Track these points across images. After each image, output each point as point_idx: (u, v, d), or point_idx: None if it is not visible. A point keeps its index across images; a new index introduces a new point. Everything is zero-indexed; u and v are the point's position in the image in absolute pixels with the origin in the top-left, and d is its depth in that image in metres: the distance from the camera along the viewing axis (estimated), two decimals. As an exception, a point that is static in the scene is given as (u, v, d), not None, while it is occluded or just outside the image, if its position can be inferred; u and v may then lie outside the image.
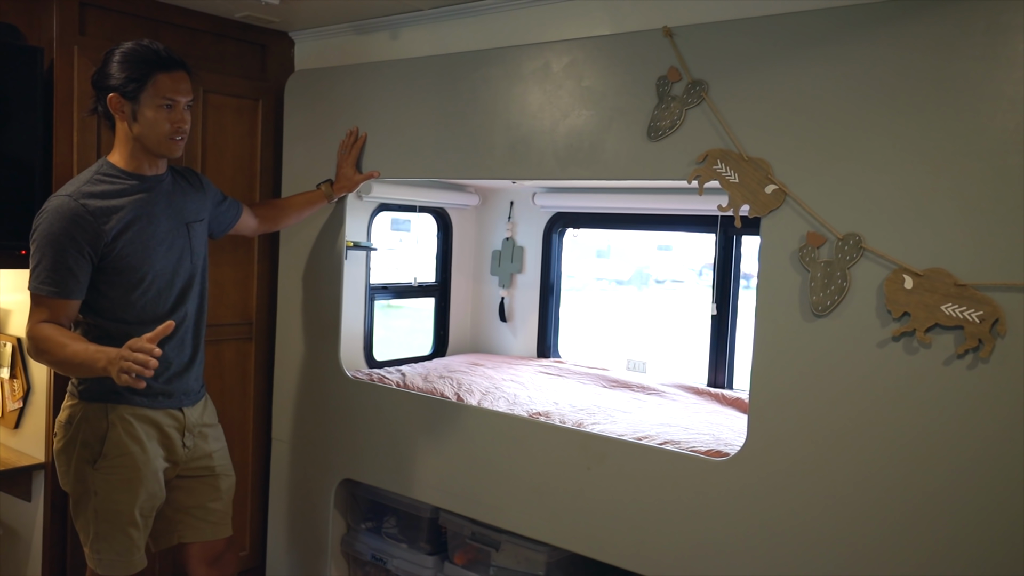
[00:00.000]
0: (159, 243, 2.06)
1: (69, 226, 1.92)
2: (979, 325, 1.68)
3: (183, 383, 2.17)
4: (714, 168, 2.02)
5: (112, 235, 1.96)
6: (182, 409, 2.17)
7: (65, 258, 1.92)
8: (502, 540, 2.61)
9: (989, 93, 1.69)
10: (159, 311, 2.08)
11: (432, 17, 2.66)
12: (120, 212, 1.98)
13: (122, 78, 1.96)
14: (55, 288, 1.93)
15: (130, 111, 1.97)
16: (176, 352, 2.15)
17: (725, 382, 2.98)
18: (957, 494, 1.73)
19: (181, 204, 2.15)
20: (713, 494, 2.05)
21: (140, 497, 2.09)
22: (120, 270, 1.99)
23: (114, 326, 2.04)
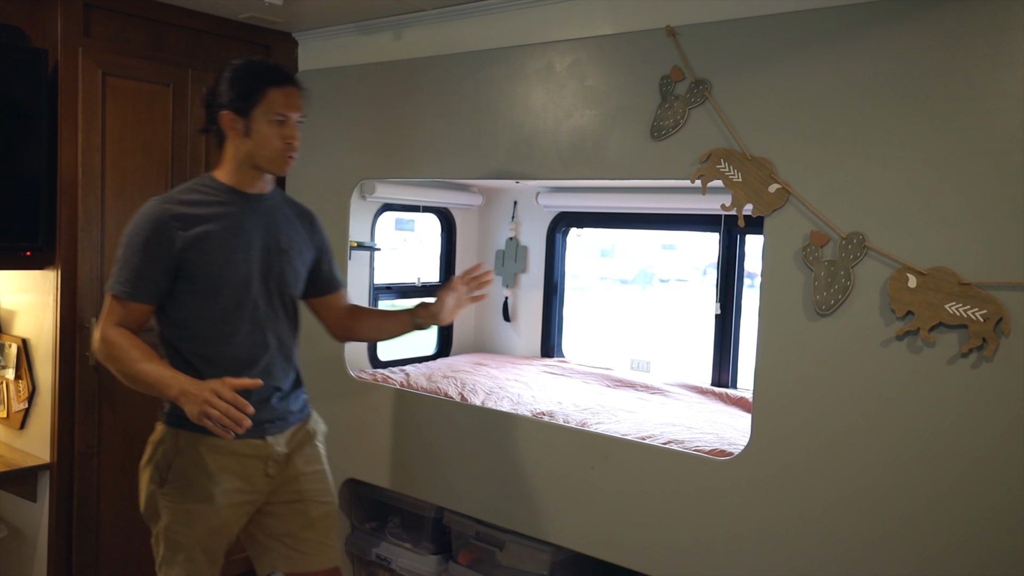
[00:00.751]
0: (243, 259, 1.93)
1: (149, 229, 1.87)
2: (983, 324, 1.68)
3: (268, 411, 1.97)
4: (717, 167, 2.02)
5: (190, 241, 1.87)
6: (264, 438, 1.97)
7: (141, 261, 1.86)
8: (506, 540, 2.61)
9: (992, 91, 1.68)
10: (234, 331, 1.93)
11: (435, 17, 2.67)
12: (205, 221, 1.90)
13: (234, 95, 1.92)
14: (127, 289, 1.87)
15: (242, 127, 1.92)
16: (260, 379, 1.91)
17: (729, 381, 2.98)
18: (961, 493, 1.72)
19: (279, 229, 2.01)
20: (717, 493, 2.05)
21: (201, 532, 1.92)
22: (195, 278, 1.89)
23: (188, 342, 1.92)
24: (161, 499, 1.93)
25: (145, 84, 2.76)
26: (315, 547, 2.06)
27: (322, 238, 2.16)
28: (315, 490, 2.07)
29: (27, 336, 2.76)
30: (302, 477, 2.05)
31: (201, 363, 1.90)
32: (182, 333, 1.92)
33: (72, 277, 2.64)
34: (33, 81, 2.48)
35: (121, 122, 2.72)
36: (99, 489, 2.76)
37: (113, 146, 2.70)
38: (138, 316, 1.89)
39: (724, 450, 2.12)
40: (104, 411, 2.76)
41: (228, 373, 1.84)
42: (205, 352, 1.90)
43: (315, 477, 2.08)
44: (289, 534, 2.04)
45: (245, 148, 1.93)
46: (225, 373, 1.83)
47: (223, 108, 1.93)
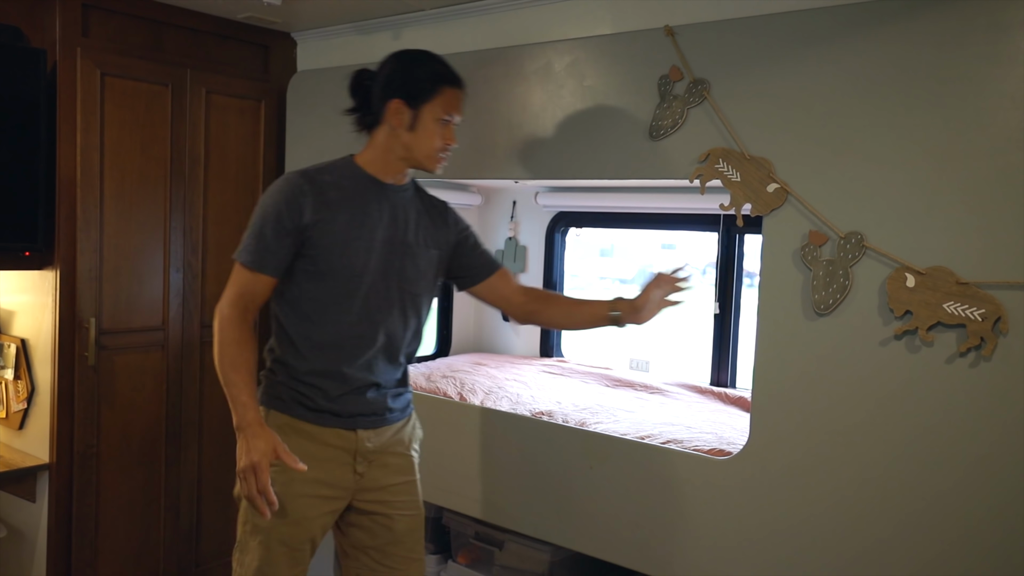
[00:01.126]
0: (364, 248, 1.88)
1: (280, 199, 1.84)
2: (981, 323, 1.68)
3: (362, 404, 1.92)
4: (716, 167, 2.02)
5: (315, 216, 1.83)
6: (356, 431, 1.91)
7: (268, 229, 1.83)
8: (505, 539, 2.61)
9: (991, 91, 1.68)
10: (342, 319, 1.88)
11: (434, 17, 2.67)
12: (336, 204, 1.86)
13: (409, 86, 1.88)
14: (254, 259, 1.83)
15: (408, 119, 1.88)
16: (358, 371, 1.91)
17: (728, 381, 2.98)
18: (960, 492, 1.72)
19: (408, 223, 1.95)
20: (716, 493, 2.05)
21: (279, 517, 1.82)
22: (313, 258, 1.85)
23: (295, 322, 1.89)
24: None
25: (144, 84, 2.76)
26: (401, 561, 2.00)
27: (460, 227, 2.08)
28: (401, 502, 1.99)
29: (26, 336, 2.76)
30: (390, 488, 1.97)
31: (304, 345, 1.88)
32: (291, 312, 1.90)
33: (71, 277, 2.65)
34: (31, 81, 2.48)
35: (120, 122, 2.72)
36: (98, 489, 2.76)
37: (112, 146, 2.70)
38: (262, 288, 1.86)
39: (723, 449, 2.12)
40: (103, 411, 2.76)
41: (328, 360, 1.87)
42: (310, 335, 1.87)
43: (403, 488, 2.00)
44: (375, 548, 1.98)
45: (404, 140, 1.89)
46: (326, 360, 1.87)
47: (392, 95, 1.88)
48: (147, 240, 2.83)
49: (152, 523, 2.93)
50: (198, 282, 2.97)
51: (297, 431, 1.88)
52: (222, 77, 2.98)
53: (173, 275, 2.90)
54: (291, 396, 1.89)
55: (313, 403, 1.89)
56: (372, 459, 1.94)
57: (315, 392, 1.88)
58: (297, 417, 1.88)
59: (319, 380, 1.88)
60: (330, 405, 1.89)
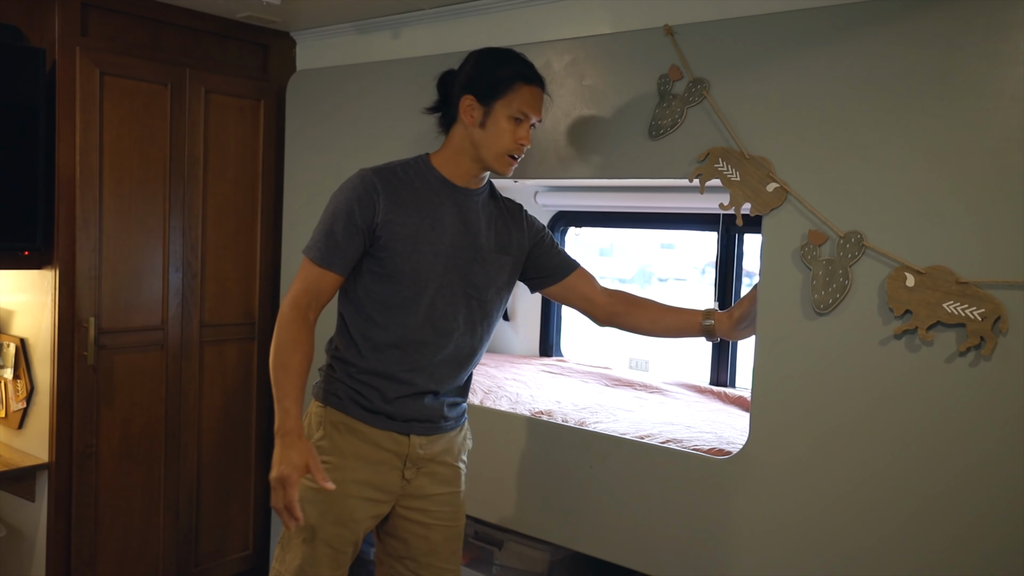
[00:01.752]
0: (433, 252, 1.83)
1: (351, 194, 1.80)
2: (981, 323, 1.68)
3: (418, 409, 1.88)
4: (715, 166, 2.02)
5: (387, 216, 1.79)
6: (409, 436, 1.88)
7: (338, 226, 1.79)
8: (504, 539, 2.61)
9: (990, 90, 1.68)
10: (405, 323, 1.84)
11: (433, 16, 2.66)
12: (407, 205, 1.82)
13: (482, 81, 1.83)
14: (317, 253, 1.80)
15: (480, 116, 1.83)
16: (417, 376, 1.87)
17: (727, 380, 2.98)
18: (959, 492, 1.72)
19: (480, 228, 1.90)
20: (716, 492, 2.05)
21: (326, 516, 1.83)
22: (380, 259, 1.82)
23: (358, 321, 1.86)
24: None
25: (143, 83, 2.76)
26: (437, 572, 1.98)
27: (535, 228, 2.05)
28: (443, 513, 1.96)
29: (25, 336, 2.75)
30: (434, 497, 1.94)
31: (366, 346, 1.85)
32: (355, 311, 1.87)
33: (70, 276, 2.64)
34: (30, 81, 2.48)
35: (119, 121, 2.72)
36: (97, 489, 2.76)
37: (111, 145, 2.70)
38: (328, 286, 1.83)
39: (723, 449, 2.12)
40: (102, 411, 2.76)
41: (389, 364, 1.84)
42: (372, 335, 1.84)
43: (446, 499, 1.96)
44: (411, 558, 1.96)
45: (474, 138, 1.84)
46: (386, 361, 1.84)
47: (465, 91, 1.84)
48: (146, 239, 2.83)
49: (151, 522, 2.93)
50: (197, 281, 2.97)
51: (351, 430, 1.86)
52: (221, 76, 2.97)
53: (172, 274, 2.90)
54: (348, 394, 1.86)
55: (370, 403, 1.86)
56: (421, 466, 1.91)
57: (372, 392, 1.85)
58: (352, 416, 1.86)
59: (377, 381, 1.85)
60: (386, 407, 1.86)
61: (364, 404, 1.86)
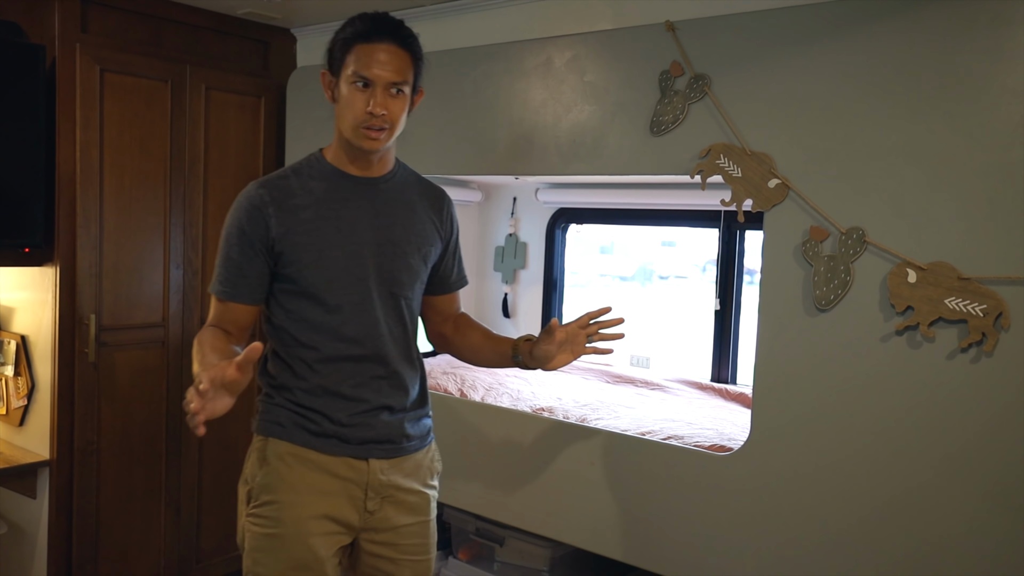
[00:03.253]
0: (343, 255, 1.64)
1: (243, 216, 1.62)
2: (983, 319, 1.68)
3: (375, 429, 1.66)
4: (717, 163, 2.02)
5: (281, 229, 1.60)
6: (368, 460, 1.66)
7: (239, 255, 1.62)
8: (506, 536, 2.61)
9: (992, 86, 1.68)
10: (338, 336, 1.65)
11: (434, 13, 2.66)
12: (302, 206, 1.62)
13: (330, 49, 1.64)
14: (226, 288, 1.63)
15: (334, 89, 1.64)
16: (364, 391, 1.66)
17: (729, 377, 2.98)
18: (961, 488, 1.72)
19: (393, 219, 1.69)
20: (717, 489, 2.05)
21: (284, 565, 1.61)
22: (292, 277, 1.63)
23: (287, 347, 1.67)
24: (247, 521, 1.66)
25: (143, 80, 2.76)
26: None
27: (451, 227, 1.82)
28: (412, 546, 1.73)
29: (26, 333, 2.75)
30: (401, 529, 1.71)
31: (301, 367, 1.65)
32: (280, 334, 1.67)
33: (71, 274, 2.64)
34: (30, 77, 2.48)
35: (119, 118, 2.71)
36: (98, 485, 2.76)
37: (111, 142, 2.70)
38: (240, 318, 1.64)
39: (724, 445, 2.12)
40: (103, 407, 2.76)
41: (331, 381, 1.64)
42: (304, 356, 1.65)
43: (415, 530, 1.73)
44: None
45: (336, 115, 1.65)
46: (328, 380, 1.64)
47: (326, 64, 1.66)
48: (147, 236, 2.82)
49: (153, 519, 2.93)
50: (198, 278, 2.97)
51: (301, 460, 1.63)
52: (222, 73, 2.97)
53: (173, 271, 2.89)
54: (292, 420, 1.65)
55: (318, 427, 1.64)
56: (385, 494, 1.68)
57: (318, 416, 1.64)
58: (300, 444, 1.63)
59: (322, 402, 1.64)
60: (338, 430, 1.64)
61: (312, 428, 1.64)
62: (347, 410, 1.65)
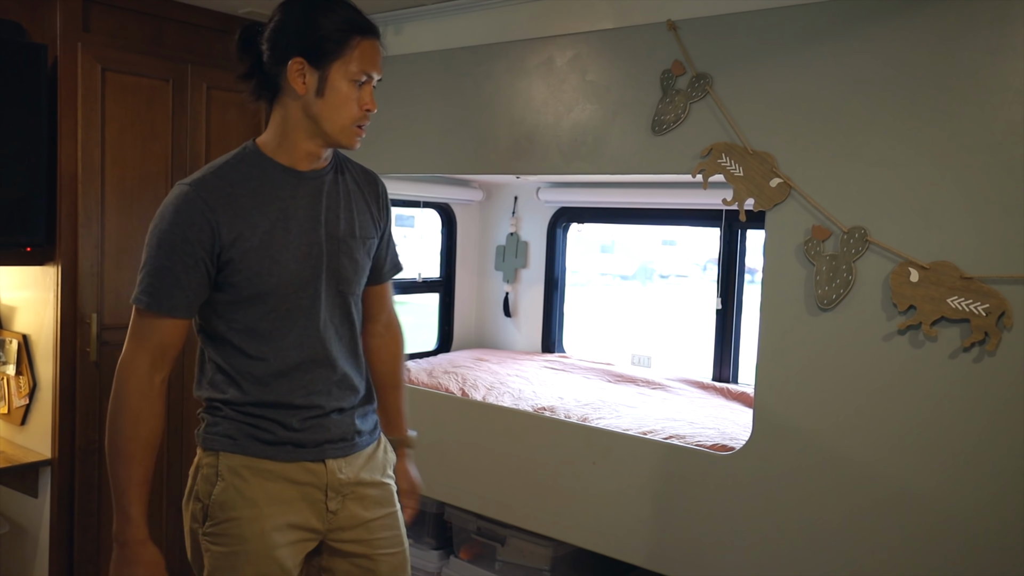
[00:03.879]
0: (293, 257, 1.53)
1: (182, 221, 1.46)
2: (985, 318, 1.67)
3: (328, 429, 1.60)
4: (719, 162, 2.01)
5: (232, 234, 1.48)
6: (324, 462, 1.59)
7: (173, 263, 1.46)
8: (507, 535, 2.61)
9: (995, 85, 1.68)
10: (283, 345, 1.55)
11: (435, 12, 2.66)
12: (248, 213, 1.50)
13: (313, 37, 1.47)
14: (153, 300, 1.48)
15: (315, 83, 1.48)
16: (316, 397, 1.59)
17: (730, 376, 2.98)
18: (962, 487, 1.72)
19: (337, 212, 1.60)
20: (719, 488, 2.05)
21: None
22: (235, 285, 1.51)
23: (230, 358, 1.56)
24: (203, 541, 1.57)
25: (144, 79, 2.76)
26: None
27: (388, 211, 1.72)
28: (385, 540, 1.67)
29: (28, 332, 2.75)
30: (370, 524, 1.64)
31: (247, 381, 1.55)
32: (224, 349, 1.56)
33: (72, 273, 2.64)
34: (32, 77, 2.48)
35: (121, 117, 2.71)
36: (100, 485, 2.76)
37: (113, 142, 2.70)
38: (172, 335, 1.52)
39: (726, 445, 2.12)
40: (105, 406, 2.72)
41: (281, 393, 1.56)
42: (250, 370, 1.55)
43: (385, 523, 1.67)
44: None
45: (312, 110, 1.50)
46: (278, 392, 1.55)
47: (291, 55, 1.48)
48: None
49: (154, 518, 2.92)
50: (199, 278, 2.97)
51: (256, 471, 1.54)
52: (223, 72, 2.97)
53: (174, 271, 2.89)
54: (243, 431, 1.55)
55: (271, 436, 1.56)
56: (346, 492, 1.62)
57: (271, 424, 1.55)
58: (254, 455, 1.54)
59: (273, 412, 1.56)
60: (291, 436, 1.57)
61: (265, 438, 1.56)
62: (299, 416, 1.58)
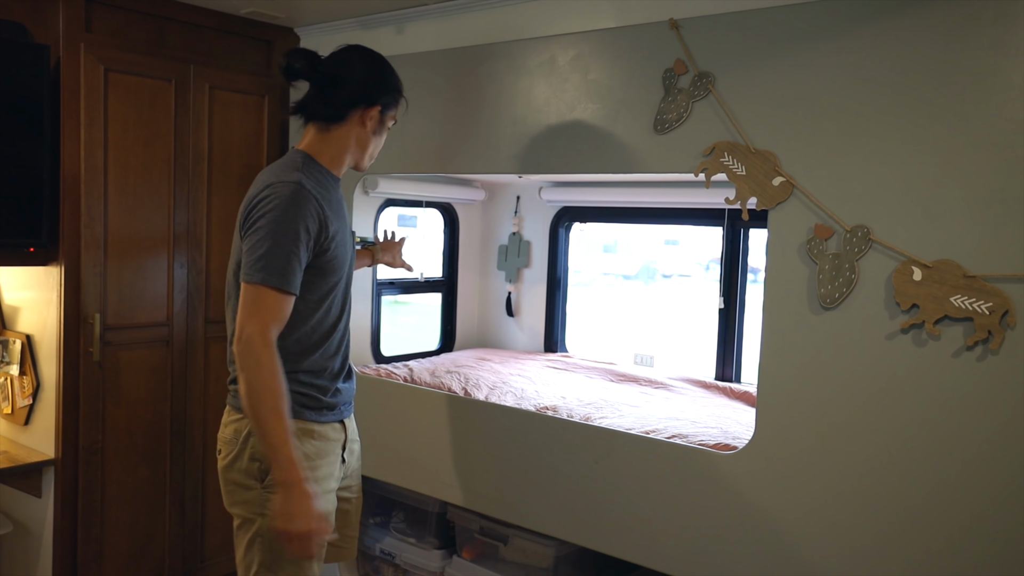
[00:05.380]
0: (348, 250, 1.96)
1: (307, 215, 1.75)
2: (989, 317, 1.67)
3: (348, 391, 1.99)
4: (721, 161, 2.01)
5: (334, 230, 1.84)
6: (343, 421, 1.97)
7: (298, 248, 1.74)
8: (510, 535, 2.61)
9: (998, 83, 1.68)
10: (331, 315, 1.91)
11: (438, 11, 2.66)
12: (331, 210, 1.85)
13: (392, 93, 1.94)
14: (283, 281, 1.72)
15: (375, 123, 1.92)
16: (342, 361, 1.96)
17: (733, 376, 2.98)
18: (966, 486, 1.72)
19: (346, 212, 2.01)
20: (721, 488, 2.05)
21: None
22: (325, 271, 1.84)
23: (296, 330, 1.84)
24: (263, 493, 1.81)
25: (147, 80, 2.76)
26: (348, 541, 2.10)
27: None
28: (357, 487, 2.10)
29: (31, 332, 2.76)
30: (354, 473, 2.07)
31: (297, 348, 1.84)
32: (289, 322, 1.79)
33: (75, 273, 2.65)
34: (35, 77, 2.48)
35: (123, 118, 2.72)
36: (104, 484, 2.77)
37: (115, 142, 2.70)
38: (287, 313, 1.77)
39: (729, 444, 2.12)
40: (108, 407, 2.76)
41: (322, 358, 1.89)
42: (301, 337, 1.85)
43: (358, 472, 2.11)
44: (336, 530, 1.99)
45: (365, 142, 1.93)
46: (320, 358, 1.89)
47: (374, 102, 1.89)
48: (151, 236, 2.83)
49: (157, 518, 2.93)
50: (202, 278, 2.97)
51: (307, 433, 1.87)
52: (225, 72, 2.97)
53: (177, 271, 2.90)
54: (295, 400, 1.82)
55: (315, 401, 1.89)
56: (350, 447, 2.01)
57: (314, 390, 1.89)
58: (306, 419, 1.87)
59: (316, 378, 1.89)
60: (327, 400, 1.92)
61: (310, 404, 1.88)
62: (334, 382, 1.93)
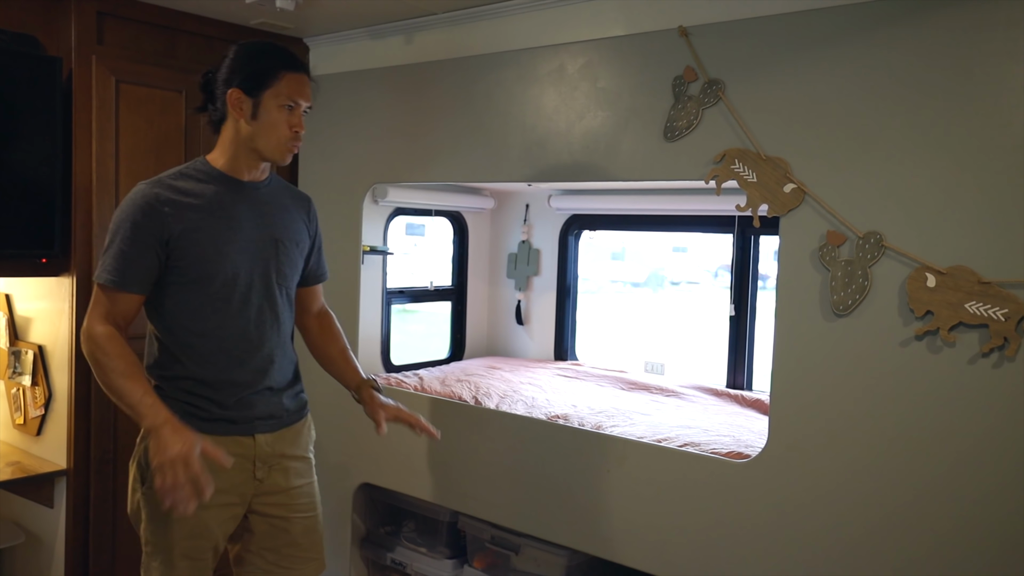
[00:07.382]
0: (237, 251, 1.86)
1: (138, 214, 1.79)
2: (1004, 323, 1.66)
3: (259, 407, 1.91)
4: (732, 168, 2.01)
5: (180, 230, 1.80)
6: (254, 436, 1.90)
7: (130, 248, 1.78)
8: (521, 544, 2.60)
9: (1010, 88, 1.67)
10: (225, 326, 1.86)
11: (446, 21, 2.66)
12: (197, 210, 1.82)
13: (246, 74, 1.84)
14: (115, 278, 1.79)
15: (249, 109, 1.84)
16: (249, 375, 1.89)
17: (744, 383, 2.97)
18: (983, 496, 1.70)
19: (274, 218, 1.94)
20: (734, 496, 2.04)
21: (178, 535, 1.86)
22: (185, 270, 1.82)
23: (177, 336, 1.86)
24: (143, 498, 1.88)
25: (158, 91, 2.77)
26: (298, 562, 2.00)
27: (316, 226, 2.09)
28: (302, 505, 2.00)
29: (43, 343, 2.77)
30: (290, 491, 1.97)
31: (190, 356, 1.85)
32: (171, 327, 1.86)
33: (87, 284, 2.65)
34: (47, 89, 2.50)
35: (134, 129, 2.73)
36: (115, 495, 2.77)
37: (127, 153, 2.72)
38: (127, 307, 1.83)
39: (741, 452, 2.11)
40: (120, 417, 2.76)
41: (217, 369, 1.85)
42: (193, 345, 1.85)
43: (302, 491, 2.00)
44: (271, 549, 1.97)
45: (248, 131, 1.85)
46: (214, 369, 1.84)
47: (231, 86, 1.84)
48: (162, 246, 2.84)
49: (168, 528, 2.93)
50: (213, 288, 2.98)
51: None
52: (235, 83, 2.98)
53: (188, 281, 2.90)
54: (184, 410, 1.82)
55: (207, 413, 1.86)
56: (272, 463, 1.93)
57: (207, 403, 1.85)
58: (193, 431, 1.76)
59: (209, 391, 1.85)
60: (224, 413, 1.87)
61: (201, 415, 1.85)
62: (233, 395, 1.87)
